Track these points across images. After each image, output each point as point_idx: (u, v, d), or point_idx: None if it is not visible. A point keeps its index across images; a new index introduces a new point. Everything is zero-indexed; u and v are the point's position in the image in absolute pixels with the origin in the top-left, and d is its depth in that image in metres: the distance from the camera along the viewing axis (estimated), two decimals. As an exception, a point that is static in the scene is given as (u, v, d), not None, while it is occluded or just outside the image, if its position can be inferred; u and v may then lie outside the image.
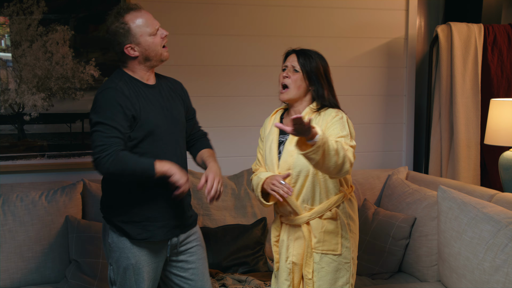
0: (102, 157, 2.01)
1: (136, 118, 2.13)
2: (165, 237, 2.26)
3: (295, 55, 2.26)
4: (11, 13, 3.05)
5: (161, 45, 2.19)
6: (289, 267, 2.26)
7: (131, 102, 2.12)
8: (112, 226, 2.24)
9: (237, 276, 2.93)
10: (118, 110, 2.08)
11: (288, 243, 2.27)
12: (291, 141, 2.20)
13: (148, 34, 2.15)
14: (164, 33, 2.20)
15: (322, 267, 2.20)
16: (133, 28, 2.14)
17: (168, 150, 2.22)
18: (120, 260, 2.22)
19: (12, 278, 2.78)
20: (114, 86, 2.13)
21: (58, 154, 3.19)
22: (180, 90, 2.38)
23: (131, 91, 2.16)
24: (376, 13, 3.72)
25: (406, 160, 3.87)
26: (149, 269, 2.25)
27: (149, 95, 2.21)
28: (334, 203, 2.22)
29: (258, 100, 3.55)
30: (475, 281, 2.42)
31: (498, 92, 3.62)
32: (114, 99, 2.09)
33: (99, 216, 2.98)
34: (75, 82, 3.18)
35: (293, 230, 2.26)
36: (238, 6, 3.46)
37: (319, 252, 2.20)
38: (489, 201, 2.74)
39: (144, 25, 2.15)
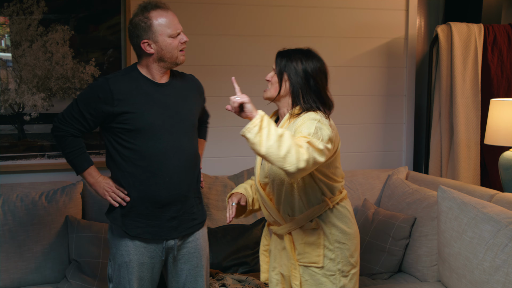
0: (56, 126, 2.27)
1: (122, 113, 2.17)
2: (157, 236, 2.26)
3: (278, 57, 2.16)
4: (11, 13, 3.05)
5: (178, 48, 2.21)
6: (277, 278, 2.19)
7: (119, 97, 2.18)
8: (111, 221, 2.29)
9: (237, 276, 2.93)
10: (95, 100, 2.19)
11: (275, 253, 2.21)
12: None
13: (168, 35, 2.17)
14: (184, 39, 2.21)
15: (306, 279, 2.11)
16: (154, 25, 2.16)
17: (168, 151, 2.22)
18: (116, 257, 2.27)
19: (12, 278, 2.78)
20: (110, 77, 2.23)
21: (58, 154, 3.19)
22: (196, 86, 2.39)
23: (130, 86, 2.20)
24: (376, 13, 3.72)
25: (406, 160, 3.87)
26: (142, 269, 2.25)
27: (154, 93, 2.23)
28: (315, 213, 2.11)
29: (258, 100, 3.54)
30: (475, 281, 2.42)
31: (498, 92, 3.62)
32: (97, 90, 2.20)
33: (99, 216, 3.00)
34: (75, 82, 3.18)
35: (279, 240, 2.19)
36: (238, 6, 3.46)
37: (301, 265, 2.11)
38: (489, 201, 2.74)
39: (166, 25, 2.17)
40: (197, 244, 2.35)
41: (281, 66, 2.12)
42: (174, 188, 2.23)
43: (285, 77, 2.12)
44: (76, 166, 2.30)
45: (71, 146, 2.26)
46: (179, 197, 2.26)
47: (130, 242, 2.24)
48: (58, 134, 2.27)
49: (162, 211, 2.24)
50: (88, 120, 2.23)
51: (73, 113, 2.24)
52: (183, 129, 2.26)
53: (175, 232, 2.28)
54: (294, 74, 2.10)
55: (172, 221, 2.26)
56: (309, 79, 2.09)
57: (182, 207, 2.28)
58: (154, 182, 2.21)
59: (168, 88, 2.27)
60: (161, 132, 2.21)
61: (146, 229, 2.24)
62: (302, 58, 2.11)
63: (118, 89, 2.18)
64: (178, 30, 2.19)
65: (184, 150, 2.26)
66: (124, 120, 2.18)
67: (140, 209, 2.24)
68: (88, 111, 2.21)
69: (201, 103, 2.42)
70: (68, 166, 3.19)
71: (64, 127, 2.25)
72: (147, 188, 2.21)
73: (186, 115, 2.28)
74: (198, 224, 2.35)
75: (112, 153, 2.25)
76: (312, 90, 2.09)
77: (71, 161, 2.29)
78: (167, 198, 2.23)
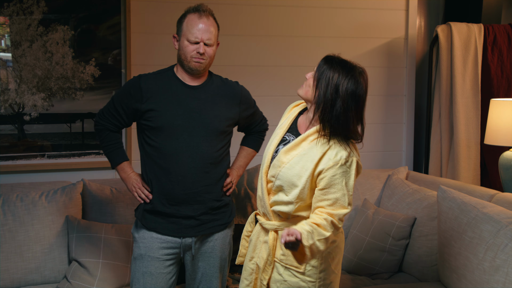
0: (96, 121, 2.43)
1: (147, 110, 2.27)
2: (173, 233, 2.32)
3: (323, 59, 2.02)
4: (11, 13, 3.04)
5: (192, 55, 2.25)
6: (252, 267, 2.16)
7: (147, 95, 2.28)
8: (136, 216, 2.40)
9: (237, 276, 2.93)
10: (127, 97, 2.32)
11: (256, 243, 2.18)
12: (287, 151, 2.06)
13: (186, 38, 2.25)
14: (199, 49, 2.24)
15: (285, 279, 2.08)
16: (183, 25, 2.27)
17: (184, 151, 2.28)
18: (134, 250, 2.37)
19: (12, 278, 2.78)
20: (143, 75, 2.35)
21: (58, 154, 3.19)
22: (234, 94, 2.41)
23: (160, 85, 2.31)
24: (376, 13, 3.72)
25: (406, 160, 3.87)
26: (158, 264, 2.31)
27: (181, 94, 2.30)
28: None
29: (260, 100, 3.53)
30: (475, 281, 2.42)
31: (498, 92, 3.62)
32: (130, 87, 2.33)
33: (99, 216, 3.01)
34: (75, 82, 3.18)
35: (263, 232, 2.16)
36: (239, 6, 3.46)
37: (283, 265, 2.09)
38: (489, 201, 2.74)
39: (189, 30, 2.25)
40: (215, 245, 2.39)
41: (319, 71, 1.98)
42: (188, 187, 2.29)
43: (318, 84, 1.97)
44: (111, 160, 2.44)
45: (107, 140, 2.41)
46: (194, 197, 2.31)
47: (147, 234, 2.33)
48: (97, 128, 2.42)
49: (178, 209, 2.31)
50: (122, 116, 2.35)
51: (109, 109, 2.38)
52: (204, 133, 2.29)
53: (192, 231, 2.33)
54: (325, 85, 1.95)
55: (189, 220, 2.32)
56: (337, 99, 1.93)
57: (199, 208, 2.32)
58: (169, 179, 2.29)
59: (198, 91, 2.32)
60: (180, 132, 2.27)
61: (164, 224, 2.32)
62: (341, 72, 1.94)
63: (147, 87, 2.29)
64: (197, 39, 2.24)
65: (201, 153, 2.30)
66: (149, 117, 2.28)
67: (158, 205, 2.32)
68: (121, 107, 2.34)
69: (239, 111, 2.42)
70: (68, 166, 3.22)
71: (102, 122, 2.39)
72: (163, 184, 2.30)
73: (211, 120, 2.31)
74: (218, 226, 2.40)
75: (141, 149, 2.38)
76: (334, 112, 1.93)
77: (107, 154, 2.44)
78: (181, 196, 2.29)
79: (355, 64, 1.99)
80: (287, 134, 2.14)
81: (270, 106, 3.56)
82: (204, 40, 2.25)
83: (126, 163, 2.42)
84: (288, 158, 2.04)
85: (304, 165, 1.99)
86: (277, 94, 3.58)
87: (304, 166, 1.99)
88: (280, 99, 3.57)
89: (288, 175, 2.02)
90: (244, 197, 3.27)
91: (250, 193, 3.27)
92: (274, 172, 2.07)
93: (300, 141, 2.04)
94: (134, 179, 2.38)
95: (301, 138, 2.04)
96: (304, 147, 2.02)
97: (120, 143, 2.43)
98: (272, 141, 2.15)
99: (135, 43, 3.26)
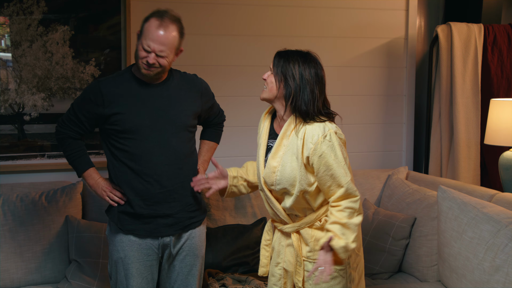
0: (57, 129, 2.37)
1: (112, 115, 2.24)
2: (151, 234, 2.30)
3: (276, 56, 2.13)
4: (11, 13, 3.05)
5: (142, 61, 2.20)
6: (280, 272, 2.20)
7: (109, 99, 2.24)
8: (109, 217, 2.35)
9: (237, 276, 2.93)
10: (87, 103, 2.28)
11: (279, 249, 2.21)
12: (274, 155, 2.10)
13: (141, 43, 2.20)
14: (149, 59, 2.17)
15: (315, 275, 2.09)
16: (144, 28, 2.21)
17: (155, 150, 2.26)
18: (112, 253, 2.34)
19: (12, 278, 2.78)
20: (101, 80, 2.31)
21: (58, 154, 3.19)
22: (196, 87, 2.39)
23: (121, 88, 2.26)
24: (376, 13, 3.72)
25: (406, 160, 3.87)
26: (138, 265, 2.30)
27: (144, 94, 2.27)
28: (322, 213, 2.12)
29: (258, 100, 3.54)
30: (475, 281, 2.42)
31: (498, 92, 3.62)
32: (89, 92, 2.28)
33: (99, 216, 3.00)
34: (75, 82, 3.18)
35: (284, 236, 2.20)
36: (237, 6, 3.46)
37: (311, 261, 2.12)
38: (489, 201, 2.74)
39: (145, 36, 2.19)
40: (192, 243, 2.38)
41: (278, 67, 2.09)
42: (164, 186, 2.28)
43: (281, 79, 2.07)
44: (76, 168, 2.39)
45: (71, 148, 2.36)
46: (171, 194, 2.29)
47: (125, 238, 2.30)
48: (59, 137, 2.37)
49: (155, 209, 2.29)
50: (84, 123, 2.31)
51: (70, 116, 2.33)
52: (172, 130, 2.28)
53: (170, 229, 2.32)
54: (290, 76, 2.05)
55: (167, 218, 2.31)
56: (305, 86, 2.04)
57: (176, 205, 2.32)
58: (143, 180, 2.27)
59: (160, 88, 2.30)
60: (149, 132, 2.25)
61: (141, 226, 2.30)
62: (299, 61, 2.06)
63: (108, 91, 2.25)
64: (149, 48, 2.17)
65: (173, 150, 2.29)
66: (114, 121, 2.24)
67: (134, 207, 2.29)
68: (82, 113, 2.30)
69: (201, 104, 2.41)
70: (68, 166, 3.19)
71: (63, 130, 2.34)
72: (138, 186, 2.27)
73: (177, 116, 2.30)
74: (195, 223, 2.39)
75: (108, 154, 2.33)
76: (305, 97, 2.04)
77: (72, 163, 2.39)
78: (158, 195, 2.28)
79: (307, 51, 2.11)
80: (270, 141, 2.19)
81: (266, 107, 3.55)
82: (156, 51, 2.17)
83: (92, 169, 2.38)
84: (277, 160, 2.08)
85: (291, 159, 2.05)
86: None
87: (292, 159, 2.05)
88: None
89: (285, 176, 2.06)
90: (244, 197, 3.27)
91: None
92: (271, 180, 2.11)
93: (280, 141, 2.09)
94: (102, 184, 2.34)
95: (279, 137, 2.10)
96: (285, 143, 2.08)
97: (84, 150, 2.39)
98: (259, 152, 2.19)
99: (135, 43, 3.25)
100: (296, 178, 2.05)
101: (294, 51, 2.10)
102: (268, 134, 2.21)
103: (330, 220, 2.01)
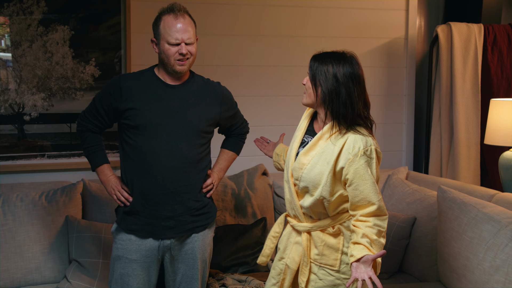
0: (78, 122, 2.42)
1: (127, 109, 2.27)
2: (152, 235, 2.31)
3: (312, 59, 2.05)
4: (11, 13, 3.04)
5: (175, 58, 2.23)
6: (281, 267, 2.19)
7: (127, 94, 2.27)
8: (117, 216, 2.39)
9: (237, 276, 2.93)
10: (107, 96, 2.31)
11: (286, 245, 2.20)
12: (306, 152, 2.08)
13: (166, 41, 2.23)
14: (181, 51, 2.22)
15: (320, 279, 2.11)
16: (160, 28, 2.24)
17: (162, 150, 2.26)
18: (113, 250, 2.37)
19: (12, 278, 2.78)
20: (122, 75, 2.36)
21: (58, 154, 3.19)
22: (215, 94, 2.39)
23: (140, 84, 2.29)
24: (376, 13, 3.72)
25: (406, 160, 3.87)
26: (135, 265, 2.31)
27: (161, 93, 2.29)
28: (338, 220, 2.09)
29: (258, 100, 3.55)
30: (475, 281, 2.42)
31: (498, 92, 3.62)
32: (110, 86, 2.32)
33: (99, 216, 3.01)
34: (75, 82, 3.18)
35: (294, 233, 2.18)
36: (238, 6, 3.46)
37: (318, 264, 2.11)
38: (489, 201, 2.74)
39: (168, 32, 2.22)
40: (194, 247, 2.38)
41: (312, 71, 2.03)
42: (166, 187, 2.27)
43: (317, 84, 2.01)
44: (91, 162, 2.42)
45: (88, 141, 2.40)
46: (173, 197, 2.29)
47: (126, 236, 2.32)
48: (79, 129, 2.42)
49: (157, 210, 2.29)
50: (103, 116, 2.35)
51: (91, 109, 2.38)
52: (183, 132, 2.28)
53: (171, 232, 2.31)
54: (324, 80, 1.99)
55: (169, 221, 2.30)
56: (340, 88, 1.97)
57: (178, 208, 2.31)
58: (147, 179, 2.27)
59: (178, 90, 2.31)
60: (159, 131, 2.26)
61: (143, 226, 2.31)
62: (333, 62, 1.98)
63: (127, 86, 2.28)
64: (178, 40, 2.22)
65: (181, 152, 2.28)
66: (128, 116, 2.27)
67: (137, 206, 2.30)
68: (102, 107, 2.33)
69: (220, 111, 2.41)
70: (68, 166, 3.22)
71: (84, 123, 2.39)
72: (141, 184, 2.28)
73: (191, 119, 2.30)
74: (199, 227, 2.38)
75: (120, 150, 2.36)
76: (342, 99, 1.97)
77: (87, 156, 2.42)
78: (160, 196, 2.28)
79: (342, 51, 2.03)
80: (306, 136, 2.17)
81: (268, 106, 3.56)
82: (185, 40, 2.23)
83: (106, 166, 2.40)
84: (308, 159, 2.06)
85: (323, 163, 2.02)
86: (276, 94, 3.58)
87: (324, 164, 2.01)
88: (278, 99, 3.57)
89: (310, 176, 2.04)
90: (244, 197, 3.27)
91: (250, 193, 3.27)
92: (297, 174, 2.09)
93: (316, 140, 2.07)
94: (113, 181, 2.36)
95: (317, 137, 2.07)
96: (321, 145, 2.05)
97: (101, 145, 2.42)
98: (293, 144, 2.18)
99: (135, 43, 3.26)
100: (321, 183, 2.02)
101: (328, 53, 2.03)
102: (306, 130, 2.18)
103: (359, 234, 1.97)
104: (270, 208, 3.30)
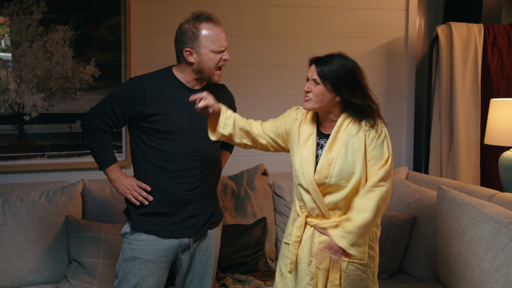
0: (87, 119, 2.33)
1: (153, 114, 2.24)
2: (173, 234, 2.32)
3: (314, 66, 2.12)
4: (11, 13, 3.04)
5: (217, 66, 2.26)
6: (313, 271, 2.17)
7: (151, 99, 2.24)
8: (128, 217, 2.36)
9: (237, 276, 2.93)
10: (128, 99, 2.25)
11: (311, 247, 2.18)
12: (330, 148, 2.13)
13: (211, 50, 2.23)
14: (225, 56, 2.26)
15: (348, 275, 2.14)
16: (201, 36, 2.23)
17: (189, 153, 2.28)
18: (125, 251, 2.33)
19: (12, 278, 2.78)
20: (144, 78, 2.29)
21: (58, 154, 3.19)
22: (226, 96, 2.45)
23: (163, 88, 2.27)
24: (376, 13, 3.72)
25: (406, 160, 3.87)
26: (152, 266, 2.31)
27: (183, 97, 2.27)
28: None
29: (259, 100, 3.55)
30: (475, 281, 2.42)
31: (498, 92, 3.62)
32: (132, 89, 2.26)
33: (99, 216, 3.00)
34: (75, 82, 3.18)
35: (317, 233, 2.17)
36: (239, 6, 3.46)
37: (345, 260, 2.13)
38: (489, 201, 2.74)
39: (212, 39, 2.23)
40: (209, 243, 2.41)
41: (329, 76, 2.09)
42: (192, 188, 2.30)
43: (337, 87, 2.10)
44: (99, 161, 2.36)
45: (99, 141, 2.32)
46: (198, 197, 2.32)
47: (143, 237, 2.30)
48: (88, 128, 2.33)
49: (181, 210, 2.31)
50: (118, 117, 2.29)
51: (105, 108, 2.30)
52: (206, 134, 2.28)
53: (191, 231, 2.34)
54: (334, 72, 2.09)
55: (190, 220, 2.33)
56: (357, 81, 2.11)
57: (199, 207, 2.34)
58: (173, 181, 2.28)
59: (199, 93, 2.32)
60: (186, 135, 2.28)
61: (164, 226, 2.31)
62: (333, 58, 2.11)
63: (151, 90, 2.26)
64: (223, 47, 2.25)
65: (206, 154, 2.33)
66: (154, 120, 2.25)
67: (159, 207, 2.31)
68: (120, 108, 2.27)
69: None
70: (68, 166, 3.22)
71: (94, 121, 2.31)
72: (166, 186, 2.29)
73: None
74: (213, 223, 2.42)
75: (135, 151, 2.33)
76: (357, 85, 2.11)
77: (96, 155, 2.35)
78: (185, 197, 2.30)
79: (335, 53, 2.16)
80: (318, 139, 2.21)
81: (269, 106, 3.56)
82: (227, 47, 2.28)
83: (116, 165, 2.37)
84: (334, 153, 2.12)
85: (352, 150, 2.11)
86: (277, 94, 3.58)
87: (354, 151, 2.10)
88: (279, 99, 3.57)
89: (345, 165, 2.10)
90: (244, 197, 3.27)
91: (250, 193, 3.27)
92: (326, 172, 2.12)
93: (335, 135, 2.13)
94: (126, 180, 2.32)
95: (334, 132, 2.13)
96: (341, 137, 2.12)
97: (110, 144, 2.38)
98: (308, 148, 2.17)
99: (135, 43, 3.26)
100: (355, 170, 2.10)
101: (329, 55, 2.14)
102: (316, 132, 2.20)
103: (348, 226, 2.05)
104: (270, 208, 3.30)
